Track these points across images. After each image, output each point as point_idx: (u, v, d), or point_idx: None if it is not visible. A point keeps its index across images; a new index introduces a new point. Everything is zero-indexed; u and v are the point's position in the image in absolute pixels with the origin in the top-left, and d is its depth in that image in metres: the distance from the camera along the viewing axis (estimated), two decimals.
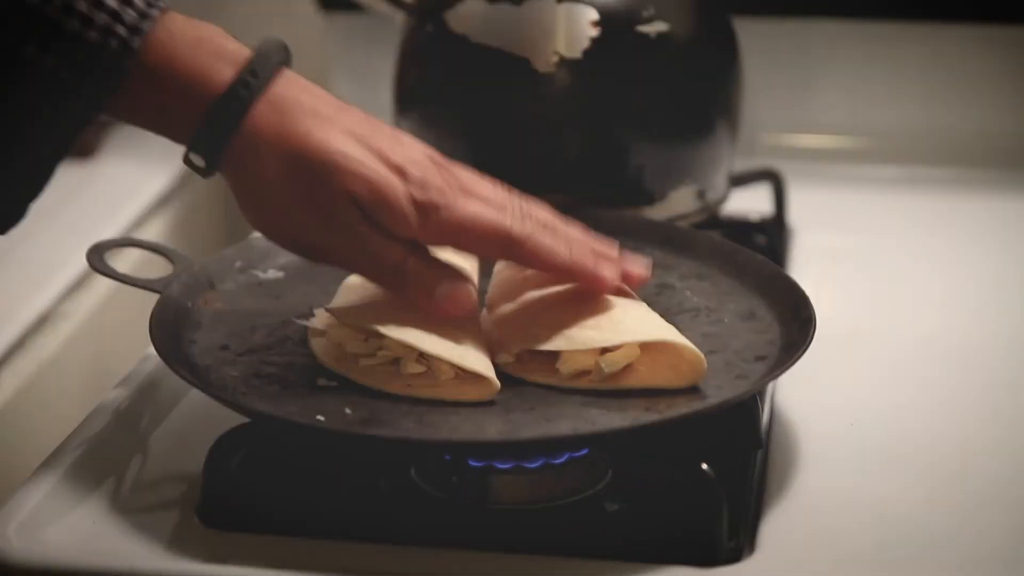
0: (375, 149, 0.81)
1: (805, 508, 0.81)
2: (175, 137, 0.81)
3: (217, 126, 0.79)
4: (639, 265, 0.86)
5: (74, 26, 0.77)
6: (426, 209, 0.80)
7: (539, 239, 0.82)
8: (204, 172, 0.81)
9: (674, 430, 0.78)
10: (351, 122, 0.82)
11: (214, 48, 0.80)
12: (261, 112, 0.80)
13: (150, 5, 0.79)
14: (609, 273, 0.84)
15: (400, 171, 0.80)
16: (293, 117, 0.80)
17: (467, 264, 0.89)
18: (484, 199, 0.82)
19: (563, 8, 1.04)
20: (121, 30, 0.78)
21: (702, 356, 0.81)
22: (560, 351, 0.82)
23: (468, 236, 0.81)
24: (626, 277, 0.85)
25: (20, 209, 0.80)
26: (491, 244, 0.82)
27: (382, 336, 0.81)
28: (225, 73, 0.80)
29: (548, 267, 0.83)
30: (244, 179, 0.81)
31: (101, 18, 0.78)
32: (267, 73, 0.80)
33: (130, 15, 0.78)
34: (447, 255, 0.85)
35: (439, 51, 1.07)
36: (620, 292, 0.85)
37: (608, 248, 0.86)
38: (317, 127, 0.80)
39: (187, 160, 0.81)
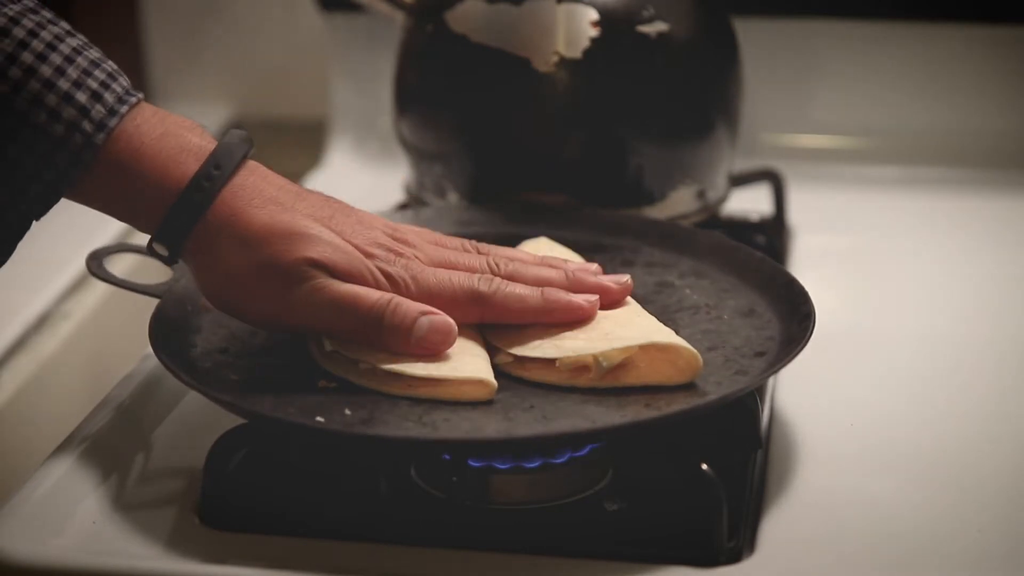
0: (337, 231, 0.82)
1: (805, 508, 0.81)
2: (139, 227, 0.83)
3: (180, 218, 0.81)
4: (617, 283, 0.87)
5: (41, 118, 0.78)
6: (395, 282, 0.82)
7: (507, 291, 0.83)
8: (168, 261, 0.83)
9: (674, 428, 0.78)
10: (311, 207, 0.83)
11: (179, 142, 0.81)
12: (224, 201, 0.81)
13: (120, 101, 0.80)
14: (586, 302, 0.84)
15: (364, 252, 0.82)
16: (255, 204, 0.81)
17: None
18: (450, 264, 0.85)
19: (563, 8, 1.04)
20: (87, 126, 0.79)
21: (697, 354, 0.81)
22: None
23: (438, 303, 0.82)
24: (605, 298, 0.86)
25: None
26: (462, 306, 0.83)
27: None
28: (189, 166, 0.81)
29: (522, 316, 0.84)
30: (206, 264, 0.82)
31: (69, 113, 0.78)
32: (230, 165, 0.81)
33: (98, 111, 0.79)
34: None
35: (439, 51, 1.07)
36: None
37: (584, 272, 0.87)
38: (279, 212, 0.82)
39: (150, 249, 0.83)
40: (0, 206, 0.79)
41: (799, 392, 0.91)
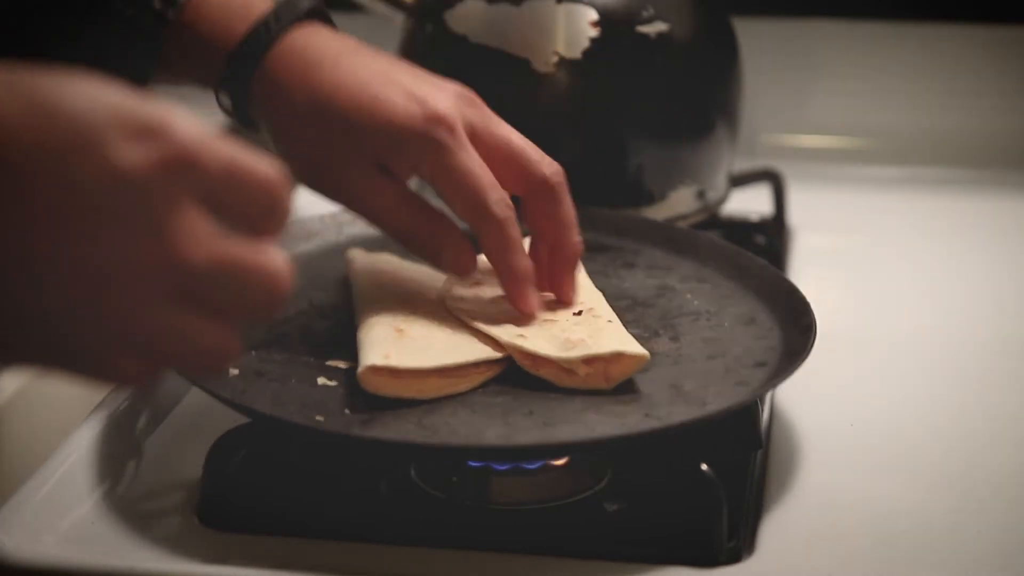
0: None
1: (805, 508, 0.81)
2: (211, 86, 0.86)
3: (239, 67, 0.84)
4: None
5: (117, 5, 0.84)
6: None
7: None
8: (235, 116, 0.86)
9: (673, 434, 0.78)
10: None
11: (243, 7, 0.85)
12: (282, 55, 0.83)
13: None
14: (533, 306, 0.85)
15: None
16: (315, 64, 0.83)
17: None
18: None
19: (563, 8, 1.04)
20: (156, 3, 0.84)
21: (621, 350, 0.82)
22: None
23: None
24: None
25: None
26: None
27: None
28: (250, 23, 0.84)
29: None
30: (275, 123, 0.85)
31: None
32: (288, 19, 0.84)
33: None
34: None
35: (439, 51, 1.07)
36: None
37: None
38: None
39: (219, 102, 0.86)
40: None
41: (799, 392, 0.91)
